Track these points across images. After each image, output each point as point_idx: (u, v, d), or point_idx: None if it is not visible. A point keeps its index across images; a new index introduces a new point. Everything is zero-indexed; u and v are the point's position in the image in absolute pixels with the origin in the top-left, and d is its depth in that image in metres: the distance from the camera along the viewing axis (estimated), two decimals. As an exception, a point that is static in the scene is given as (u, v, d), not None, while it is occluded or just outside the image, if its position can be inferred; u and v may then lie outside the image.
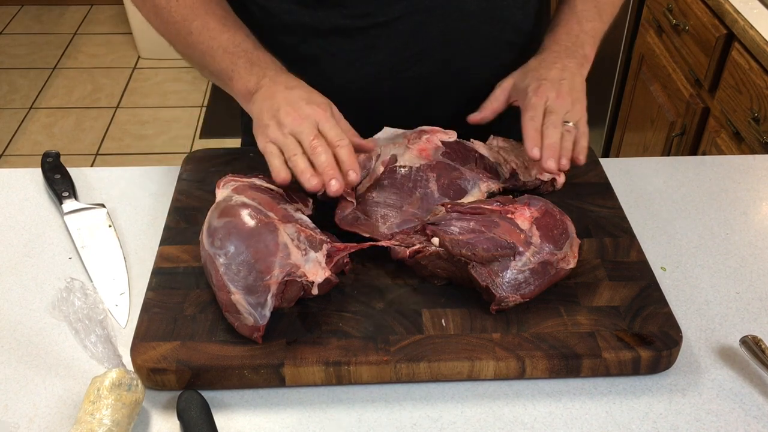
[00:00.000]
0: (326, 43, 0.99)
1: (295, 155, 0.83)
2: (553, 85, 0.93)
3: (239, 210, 0.81)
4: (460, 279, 0.82)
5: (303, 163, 0.82)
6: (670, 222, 0.98)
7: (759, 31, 1.53)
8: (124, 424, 0.69)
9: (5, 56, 3.56)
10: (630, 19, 2.18)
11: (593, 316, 0.79)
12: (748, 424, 0.73)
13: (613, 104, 2.38)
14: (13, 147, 2.97)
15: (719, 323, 0.84)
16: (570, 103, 0.93)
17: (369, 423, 0.73)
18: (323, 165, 0.82)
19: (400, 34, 0.97)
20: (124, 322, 0.84)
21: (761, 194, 1.03)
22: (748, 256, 0.93)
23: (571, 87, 0.94)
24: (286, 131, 0.84)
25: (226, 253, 0.77)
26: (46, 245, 0.93)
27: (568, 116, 0.92)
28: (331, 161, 0.82)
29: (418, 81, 1.01)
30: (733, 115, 1.64)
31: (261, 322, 0.74)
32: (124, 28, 3.73)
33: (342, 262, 0.81)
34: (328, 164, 0.82)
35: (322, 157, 0.82)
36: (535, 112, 0.92)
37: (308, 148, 0.83)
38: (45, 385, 0.77)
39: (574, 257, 0.83)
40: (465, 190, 0.93)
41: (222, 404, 0.75)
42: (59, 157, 1.04)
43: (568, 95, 0.93)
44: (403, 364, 0.75)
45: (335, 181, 0.81)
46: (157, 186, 1.03)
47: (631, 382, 0.77)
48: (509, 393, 0.76)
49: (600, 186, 0.98)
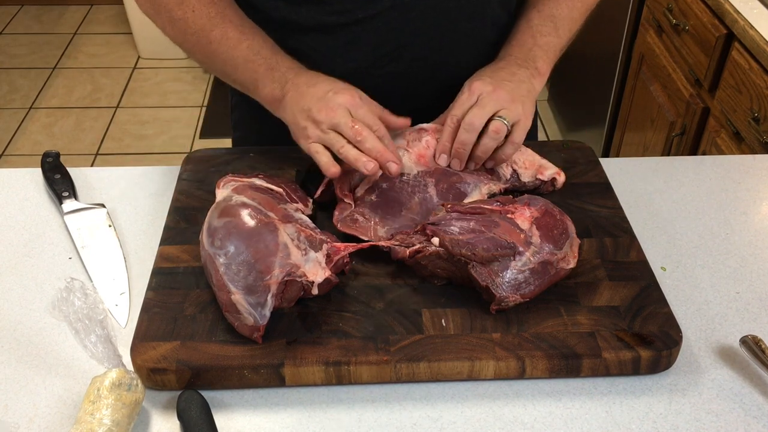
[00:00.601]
0: (309, 39, 1.00)
1: (343, 147, 0.85)
2: (492, 82, 0.91)
3: (239, 210, 0.81)
4: (460, 279, 0.82)
5: (353, 151, 0.85)
6: (670, 222, 0.98)
7: (759, 31, 1.53)
8: (124, 424, 0.69)
9: (5, 56, 3.56)
10: (630, 19, 2.18)
11: (593, 316, 0.79)
12: (748, 424, 0.73)
13: (613, 104, 2.38)
14: (13, 147, 2.97)
15: (719, 323, 0.84)
16: (509, 100, 0.89)
17: (369, 423, 0.73)
18: (373, 150, 0.85)
19: (381, 30, 0.98)
20: (124, 322, 0.84)
21: (761, 194, 1.03)
22: (748, 256, 0.93)
23: (513, 89, 0.91)
24: (325, 127, 0.86)
25: (226, 253, 0.77)
26: (46, 245, 0.93)
27: (505, 113, 0.89)
28: (379, 145, 0.85)
29: (399, 77, 1.02)
30: (733, 115, 1.64)
31: (261, 322, 0.74)
32: (124, 28, 3.74)
33: (342, 262, 0.81)
34: (378, 148, 0.85)
35: (369, 143, 0.85)
36: (457, 111, 0.91)
37: (351, 137, 0.85)
38: (45, 385, 0.77)
39: (574, 257, 0.83)
40: (464, 194, 0.93)
41: (222, 404, 0.75)
42: (59, 157, 1.04)
43: (507, 92, 0.90)
44: (403, 364, 0.75)
45: (392, 163, 0.85)
46: (157, 186, 1.03)
47: (631, 382, 0.77)
48: (509, 393, 0.76)
49: (600, 186, 0.98)
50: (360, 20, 0.97)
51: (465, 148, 0.90)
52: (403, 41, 0.99)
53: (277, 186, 0.88)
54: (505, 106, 0.89)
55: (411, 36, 0.99)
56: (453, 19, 0.99)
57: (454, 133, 0.91)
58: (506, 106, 0.89)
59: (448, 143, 0.92)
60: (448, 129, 0.92)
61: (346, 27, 0.98)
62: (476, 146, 0.90)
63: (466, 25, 1.01)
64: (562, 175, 0.97)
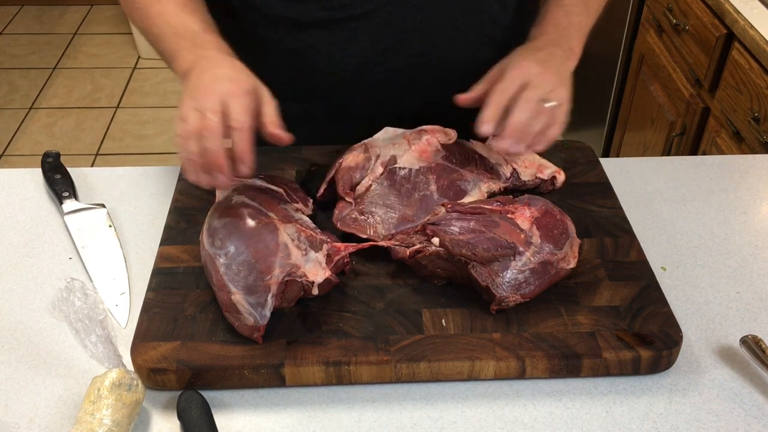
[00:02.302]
0: (307, 36, 1.00)
1: (188, 139, 0.75)
2: (538, 63, 0.89)
3: (240, 210, 0.81)
4: (460, 279, 0.82)
5: (193, 147, 0.75)
6: (670, 222, 0.98)
7: (759, 31, 1.53)
8: (124, 424, 0.69)
9: (5, 56, 3.56)
10: (630, 19, 2.18)
11: (593, 316, 0.79)
12: (748, 424, 0.73)
13: (613, 104, 2.38)
14: (13, 147, 2.97)
15: (719, 323, 0.84)
16: (556, 83, 0.88)
17: (369, 423, 0.73)
18: (207, 151, 0.75)
19: (378, 26, 0.98)
20: (124, 322, 0.84)
21: (761, 194, 1.03)
22: (748, 256, 0.93)
23: (557, 70, 0.90)
24: (193, 105, 0.76)
25: (227, 253, 0.77)
26: (46, 245, 0.93)
27: (552, 95, 0.86)
28: (217, 151, 0.74)
29: (398, 72, 1.02)
30: (733, 115, 1.64)
31: (261, 322, 0.74)
32: (124, 28, 3.74)
33: (342, 262, 0.81)
34: (213, 152, 0.74)
35: (208, 142, 0.74)
36: (508, 84, 0.86)
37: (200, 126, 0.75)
38: (45, 385, 0.77)
39: (574, 257, 0.83)
40: (465, 192, 0.93)
41: (222, 404, 0.75)
42: (59, 157, 1.04)
43: (554, 75, 0.88)
44: (403, 364, 0.75)
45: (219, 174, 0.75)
46: (157, 186, 1.03)
47: (631, 382, 0.77)
48: (509, 393, 0.76)
49: (600, 186, 0.98)
50: (357, 16, 0.97)
51: (523, 128, 0.85)
52: (401, 37, 0.99)
53: (277, 186, 0.88)
54: (553, 88, 0.87)
55: (409, 32, 0.99)
56: (451, 15, 0.99)
57: (501, 105, 0.85)
58: (554, 89, 0.87)
59: (496, 112, 0.85)
60: (496, 100, 0.85)
61: (343, 22, 0.98)
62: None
63: (465, 21, 1.01)
64: (561, 174, 0.97)
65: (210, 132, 0.74)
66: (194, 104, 0.77)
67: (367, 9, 0.96)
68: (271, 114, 0.80)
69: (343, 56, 1.00)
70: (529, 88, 0.86)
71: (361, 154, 0.93)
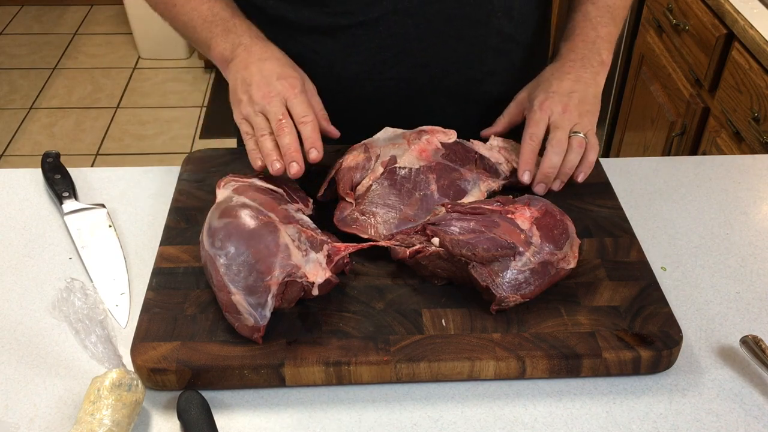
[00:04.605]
0: (310, 41, 1.00)
1: (263, 136, 0.86)
2: (560, 99, 0.95)
3: (240, 211, 0.81)
4: (460, 279, 0.82)
5: (270, 144, 0.85)
6: (670, 222, 0.98)
7: (759, 31, 1.53)
8: (124, 425, 0.69)
9: (5, 56, 3.56)
10: (630, 19, 2.18)
11: (593, 316, 0.79)
12: (748, 424, 0.73)
13: (613, 104, 2.38)
14: (13, 147, 2.98)
15: (719, 323, 0.84)
16: (577, 116, 0.94)
17: (369, 423, 0.73)
18: (285, 147, 0.84)
19: (382, 34, 0.98)
20: (124, 322, 0.84)
21: (761, 194, 1.03)
22: (748, 256, 0.93)
23: (581, 99, 0.95)
24: (257, 108, 0.87)
25: (227, 253, 0.77)
26: (46, 245, 0.93)
27: (577, 128, 0.94)
28: (294, 143, 0.84)
29: (400, 82, 1.02)
30: (733, 115, 1.64)
31: (261, 323, 0.74)
32: (124, 28, 3.73)
33: (342, 262, 0.81)
34: (290, 146, 0.84)
35: (286, 139, 0.85)
36: (535, 129, 0.94)
37: (275, 128, 0.85)
38: (45, 385, 0.77)
39: (574, 257, 0.83)
40: (465, 191, 0.93)
41: (222, 404, 0.75)
42: (59, 157, 1.04)
43: (575, 108, 0.94)
44: (403, 364, 0.75)
45: (295, 163, 0.83)
46: (157, 186, 1.03)
47: (631, 382, 0.77)
48: (509, 393, 0.76)
49: (600, 186, 0.98)
50: (361, 23, 0.97)
51: (556, 169, 0.93)
52: (404, 47, 0.99)
53: (277, 186, 0.88)
54: (576, 122, 0.94)
55: (412, 41, 0.99)
56: (455, 26, 0.99)
57: (535, 151, 0.94)
58: (578, 121, 0.94)
59: (531, 160, 0.94)
60: (528, 147, 0.94)
61: (347, 29, 0.97)
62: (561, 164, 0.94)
63: (469, 33, 1.00)
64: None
65: (285, 132, 0.85)
66: (257, 108, 0.87)
67: (372, 17, 0.96)
68: (321, 108, 0.91)
69: (346, 64, 1.00)
70: (555, 129, 0.93)
71: (361, 154, 0.93)
